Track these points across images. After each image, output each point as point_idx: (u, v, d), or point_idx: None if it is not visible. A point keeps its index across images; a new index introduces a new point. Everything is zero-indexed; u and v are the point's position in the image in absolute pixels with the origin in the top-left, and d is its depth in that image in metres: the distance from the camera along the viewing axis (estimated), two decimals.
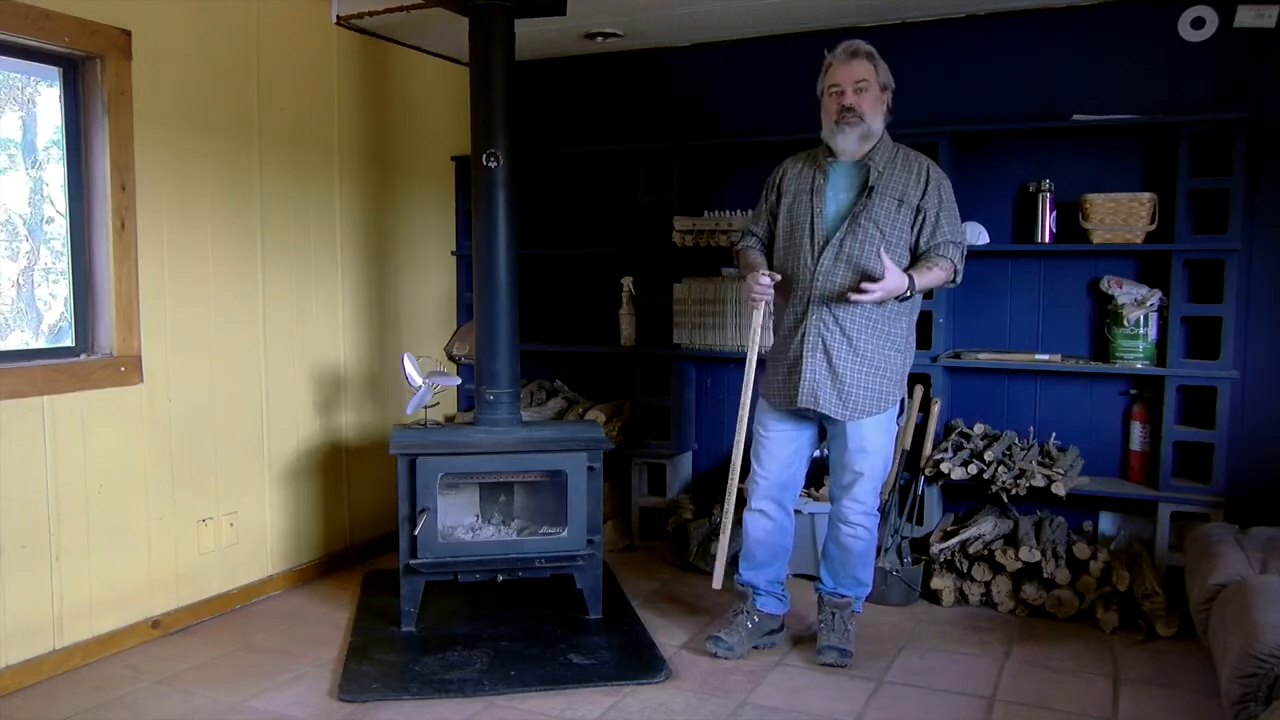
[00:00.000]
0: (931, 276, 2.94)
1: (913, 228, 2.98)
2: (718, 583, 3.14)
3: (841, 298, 2.92)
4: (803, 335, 3.00)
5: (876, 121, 2.98)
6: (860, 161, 3.01)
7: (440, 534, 3.32)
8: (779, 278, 3.04)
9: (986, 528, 3.54)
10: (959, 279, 3.03)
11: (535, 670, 3.01)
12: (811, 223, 3.02)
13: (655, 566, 4.08)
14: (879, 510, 3.16)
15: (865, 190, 2.97)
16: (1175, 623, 3.26)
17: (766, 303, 3.04)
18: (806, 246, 3.01)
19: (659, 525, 4.25)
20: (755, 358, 3.07)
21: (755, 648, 3.20)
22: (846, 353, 2.96)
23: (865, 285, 2.80)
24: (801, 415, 3.10)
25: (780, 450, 3.14)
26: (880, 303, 2.89)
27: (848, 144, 2.99)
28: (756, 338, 3.06)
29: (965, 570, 3.58)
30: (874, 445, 3.04)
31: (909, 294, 2.90)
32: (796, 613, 3.44)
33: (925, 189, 2.97)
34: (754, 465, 3.19)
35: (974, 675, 3.01)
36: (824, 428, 3.16)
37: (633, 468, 4.33)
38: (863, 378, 2.98)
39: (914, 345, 3.14)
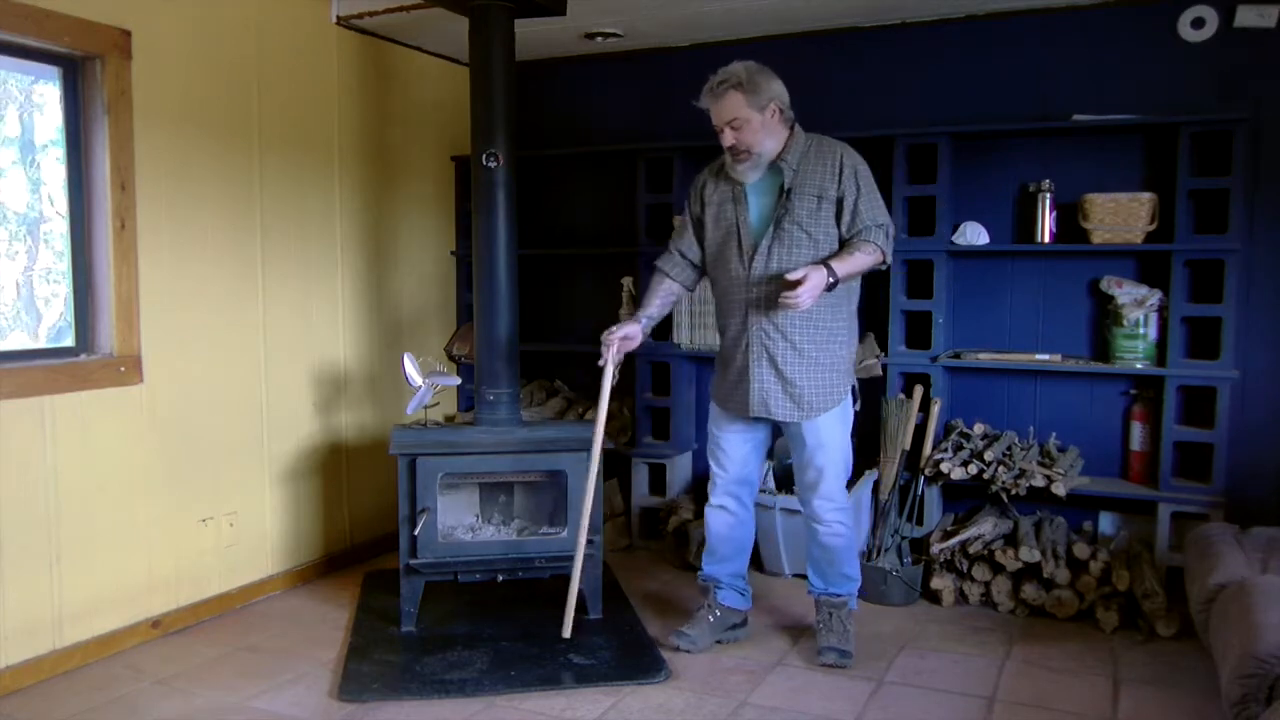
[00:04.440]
0: (854, 261, 2.89)
1: (838, 220, 2.96)
2: (567, 631, 3.10)
3: (777, 304, 2.89)
4: (746, 345, 3.02)
5: (767, 144, 2.94)
6: (775, 164, 2.98)
7: (440, 534, 3.33)
8: (635, 340, 3.05)
9: (986, 528, 3.54)
10: (888, 260, 2.99)
11: (535, 670, 3.01)
12: (738, 232, 3.02)
13: (655, 566, 4.08)
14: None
15: (783, 193, 2.96)
16: (1175, 623, 3.25)
17: (615, 366, 3.03)
18: (735, 256, 3.02)
19: (659, 525, 4.25)
20: (601, 429, 3.04)
21: (719, 642, 3.22)
22: (792, 356, 2.97)
23: (786, 296, 2.79)
24: (754, 417, 3.11)
25: (735, 450, 3.17)
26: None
27: (746, 176, 2.99)
28: (603, 404, 3.03)
29: (965, 570, 3.58)
30: (831, 439, 3.05)
31: (833, 282, 2.84)
32: (795, 613, 3.45)
33: (840, 178, 2.94)
34: (712, 464, 3.24)
35: (974, 675, 3.01)
36: (778, 425, 3.16)
37: (633, 468, 4.33)
38: (811, 378, 2.98)
39: (857, 330, 3.13)
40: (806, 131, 3.05)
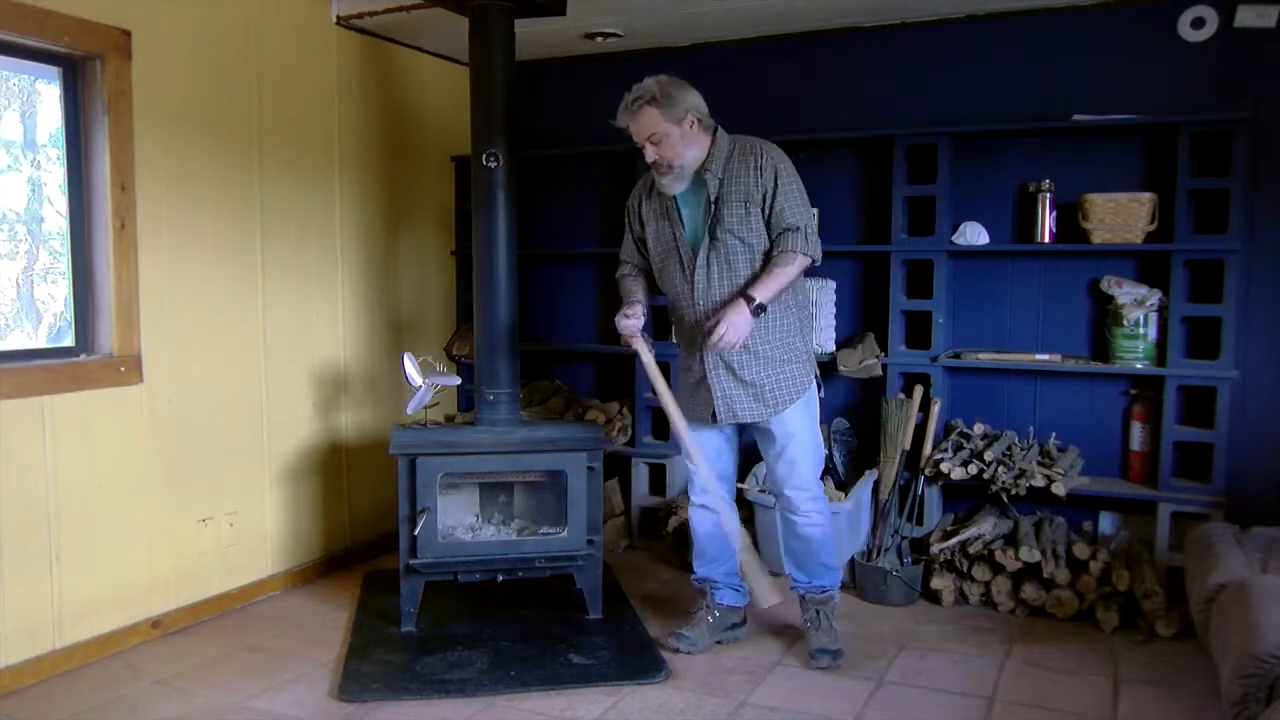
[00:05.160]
0: (775, 280, 2.89)
1: (766, 222, 2.95)
2: (764, 602, 2.98)
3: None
4: (700, 356, 3.03)
5: (689, 154, 2.93)
6: (700, 175, 2.97)
7: (440, 534, 3.33)
8: (642, 316, 3.05)
9: (986, 528, 3.54)
10: (816, 258, 2.94)
11: (535, 670, 3.01)
12: (677, 246, 3.04)
13: (655, 566, 4.08)
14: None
15: (711, 204, 2.96)
16: (1175, 623, 3.25)
17: (644, 336, 3.05)
18: (678, 270, 3.04)
19: (659, 525, 4.25)
20: (663, 386, 3.03)
21: (719, 642, 3.23)
22: (748, 360, 2.98)
23: (709, 343, 2.85)
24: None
25: (706, 447, 3.16)
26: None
27: (673, 187, 2.98)
28: (652, 368, 3.03)
29: (965, 570, 3.58)
30: (799, 429, 3.05)
31: (758, 306, 2.86)
32: (796, 612, 3.44)
33: (761, 177, 2.92)
34: (687, 463, 3.23)
35: (974, 675, 3.01)
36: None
37: (633, 468, 4.33)
38: (772, 374, 2.99)
39: (811, 315, 3.11)
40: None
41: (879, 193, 3.95)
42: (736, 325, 2.85)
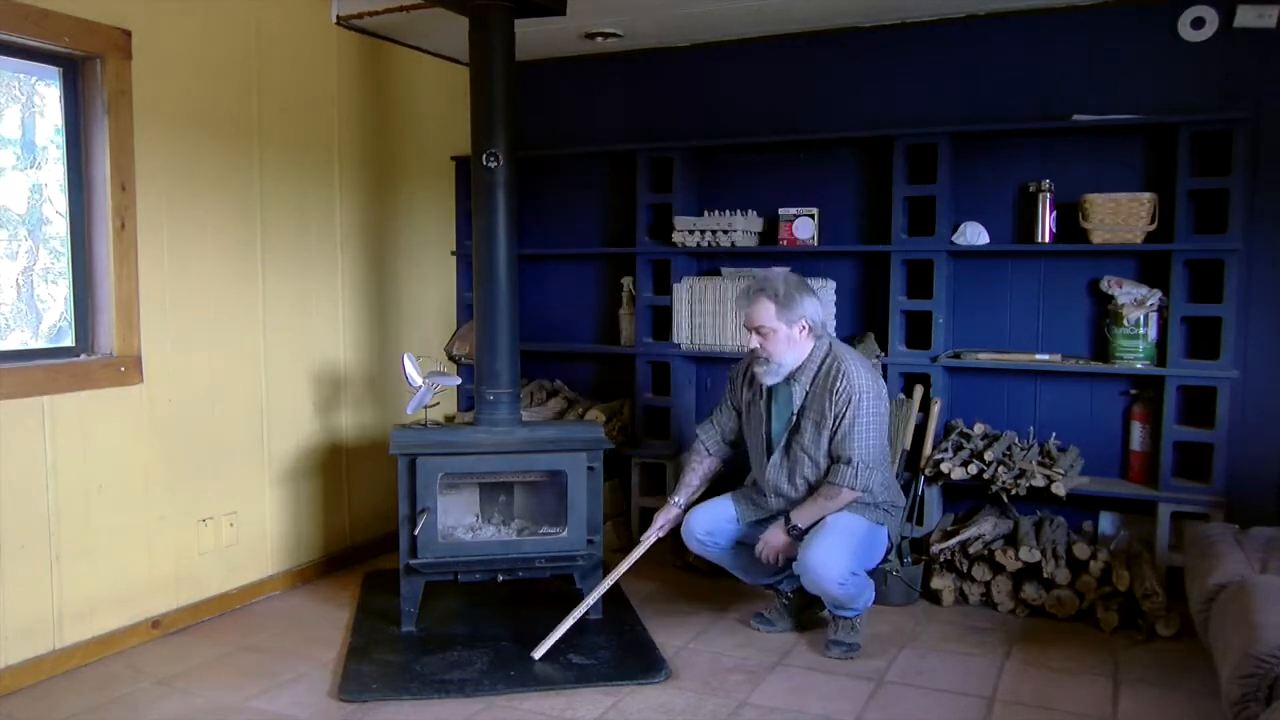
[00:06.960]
0: (816, 509, 3.09)
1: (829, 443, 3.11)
2: (538, 653, 3.08)
3: (792, 501, 3.19)
4: (771, 516, 3.26)
5: (788, 356, 3.07)
6: (789, 379, 3.11)
7: (440, 534, 3.33)
8: (680, 510, 3.33)
9: (986, 528, 3.53)
10: (864, 490, 3.07)
11: (535, 670, 3.01)
12: (761, 434, 3.25)
13: (655, 567, 4.07)
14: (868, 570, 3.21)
15: (793, 417, 3.13)
16: (1175, 623, 3.26)
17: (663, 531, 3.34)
18: (758, 449, 3.28)
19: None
20: (628, 566, 3.30)
21: (799, 626, 3.39)
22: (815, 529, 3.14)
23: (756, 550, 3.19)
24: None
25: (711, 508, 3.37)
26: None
27: (767, 378, 3.12)
28: (638, 552, 3.32)
29: (965, 570, 3.58)
30: (841, 522, 3.09)
31: (798, 530, 3.10)
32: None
33: (836, 405, 3.07)
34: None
35: (974, 675, 3.01)
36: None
37: (633, 468, 4.33)
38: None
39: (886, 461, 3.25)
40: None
41: (879, 193, 3.95)
42: (773, 545, 3.15)
